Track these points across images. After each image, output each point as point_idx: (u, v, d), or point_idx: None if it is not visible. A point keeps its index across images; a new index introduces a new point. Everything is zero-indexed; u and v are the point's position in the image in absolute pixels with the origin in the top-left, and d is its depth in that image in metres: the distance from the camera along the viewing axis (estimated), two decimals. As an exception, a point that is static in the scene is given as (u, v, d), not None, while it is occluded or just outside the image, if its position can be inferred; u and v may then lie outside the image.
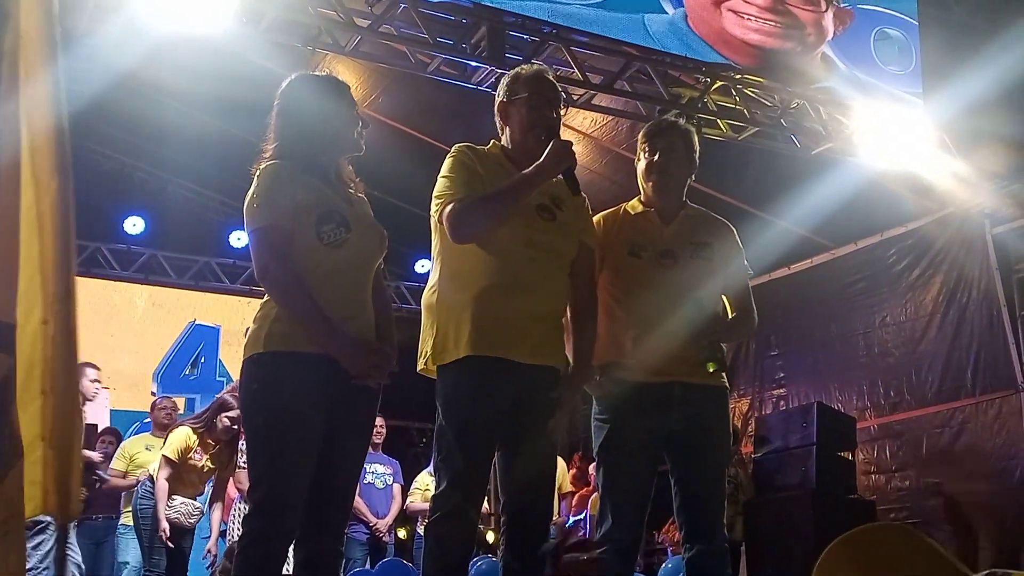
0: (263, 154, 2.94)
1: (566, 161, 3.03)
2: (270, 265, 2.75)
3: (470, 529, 3.00)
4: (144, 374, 10.13)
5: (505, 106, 3.18)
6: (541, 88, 3.15)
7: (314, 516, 2.80)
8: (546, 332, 3.04)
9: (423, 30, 6.28)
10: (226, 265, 10.75)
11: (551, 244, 3.06)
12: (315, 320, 2.73)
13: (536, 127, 3.09)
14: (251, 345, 2.81)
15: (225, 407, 5.99)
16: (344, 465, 2.89)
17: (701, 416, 3.29)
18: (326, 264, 2.82)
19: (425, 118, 8.42)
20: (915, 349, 8.51)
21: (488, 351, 2.93)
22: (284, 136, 2.93)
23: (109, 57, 6.54)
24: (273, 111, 2.98)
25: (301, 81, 3.01)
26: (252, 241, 2.83)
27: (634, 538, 3.26)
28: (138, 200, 10.63)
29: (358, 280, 2.93)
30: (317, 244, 2.80)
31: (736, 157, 7.92)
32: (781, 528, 6.41)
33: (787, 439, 6.84)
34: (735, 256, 3.49)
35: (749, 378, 9.77)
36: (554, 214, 3.09)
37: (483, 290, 2.96)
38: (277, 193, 2.81)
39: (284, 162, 2.86)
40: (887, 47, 7.31)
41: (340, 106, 2.98)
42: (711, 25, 6.85)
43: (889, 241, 8.88)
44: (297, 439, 2.70)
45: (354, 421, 2.88)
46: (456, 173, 3.03)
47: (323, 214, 2.83)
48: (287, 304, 2.75)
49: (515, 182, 2.99)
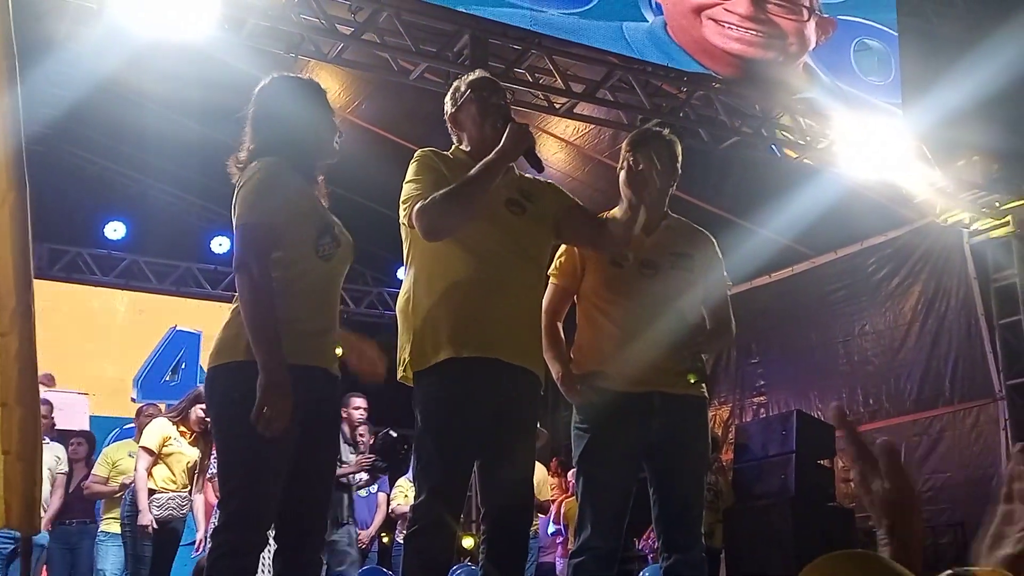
0: (239, 154, 2.88)
1: (525, 142, 3.01)
2: (251, 263, 2.65)
3: (449, 539, 2.98)
4: (124, 380, 10.07)
5: (455, 115, 3.18)
6: (483, 83, 3.18)
7: (293, 526, 2.77)
8: (528, 332, 3.04)
9: (406, 38, 6.28)
10: (207, 271, 10.72)
11: (523, 237, 3.05)
12: (267, 328, 2.60)
13: (488, 116, 3.09)
14: (227, 352, 2.71)
15: (200, 399, 6.04)
16: (319, 474, 2.86)
17: (680, 426, 3.29)
18: (315, 275, 2.80)
19: (407, 125, 8.42)
20: (894, 357, 8.58)
21: (468, 352, 2.90)
22: (264, 138, 2.86)
23: (90, 62, 6.53)
24: (250, 112, 2.91)
25: (281, 83, 2.96)
26: (239, 233, 2.71)
27: (613, 546, 3.26)
28: (119, 205, 10.59)
29: (335, 293, 2.93)
30: (312, 255, 2.78)
31: (717, 166, 7.96)
32: (761, 535, 6.44)
33: (767, 447, 6.88)
34: (715, 267, 3.50)
35: (730, 385, 9.82)
36: (523, 207, 3.08)
37: (458, 291, 2.95)
38: (276, 191, 2.75)
39: (281, 159, 2.79)
40: (867, 58, 7.35)
41: (320, 110, 2.94)
42: (691, 34, 6.82)
43: (869, 250, 8.95)
44: (275, 452, 2.62)
45: (324, 430, 2.84)
46: (422, 175, 3.02)
47: (322, 227, 2.82)
48: (251, 305, 2.62)
49: (478, 170, 2.95)
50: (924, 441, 8.17)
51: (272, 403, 2.54)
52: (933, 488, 8.00)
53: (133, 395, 9.94)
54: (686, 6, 6.85)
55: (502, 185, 3.04)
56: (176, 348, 10.47)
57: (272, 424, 2.54)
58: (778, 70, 7.04)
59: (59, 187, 9.54)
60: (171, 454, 6.02)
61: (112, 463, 6.58)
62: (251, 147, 2.86)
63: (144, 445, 5.99)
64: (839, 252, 9.16)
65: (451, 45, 6.36)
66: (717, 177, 8.18)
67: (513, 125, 3.02)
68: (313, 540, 2.85)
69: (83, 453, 7.17)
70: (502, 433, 2.96)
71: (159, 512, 5.87)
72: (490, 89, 3.17)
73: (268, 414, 2.54)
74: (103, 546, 6.30)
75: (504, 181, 3.05)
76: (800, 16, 7.22)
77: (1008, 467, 1.31)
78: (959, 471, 7.89)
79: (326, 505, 2.97)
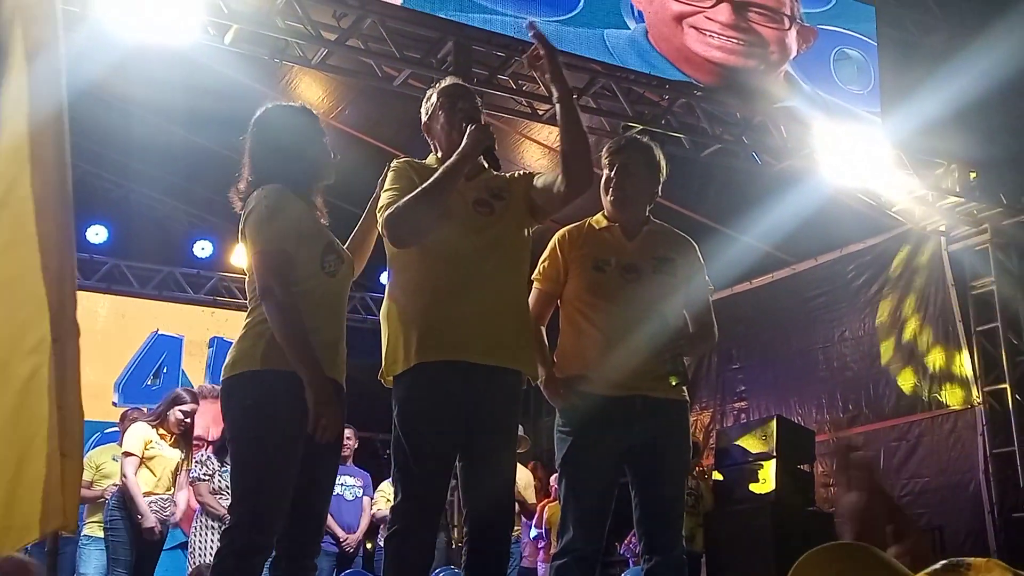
0: (239, 184, 3.01)
1: (485, 142, 3.04)
2: (275, 288, 2.81)
3: (428, 542, 3.01)
4: (105, 384, 10.01)
5: (428, 124, 3.23)
6: (451, 90, 3.22)
7: (292, 534, 2.85)
8: (502, 331, 3.02)
9: (390, 44, 6.31)
10: (190, 275, 10.68)
11: (494, 237, 3.07)
12: (306, 346, 2.77)
13: (454, 121, 3.13)
14: (244, 362, 2.84)
15: (178, 400, 6.10)
16: (321, 484, 2.96)
17: (662, 430, 3.32)
18: (322, 291, 2.93)
19: (390, 130, 8.45)
20: (873, 364, 8.65)
21: (437, 356, 2.92)
22: (262, 168, 2.98)
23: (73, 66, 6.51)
24: (247, 143, 3.04)
25: (274, 113, 3.08)
26: (257, 261, 2.88)
27: (595, 549, 3.28)
28: (101, 209, 10.53)
29: (342, 306, 3.06)
30: (319, 272, 2.91)
31: (699, 173, 8.01)
32: (741, 539, 6.48)
33: (748, 451, 6.92)
34: (697, 271, 3.53)
35: (711, 391, 9.88)
36: (492, 206, 3.10)
37: (429, 295, 2.98)
38: (284, 216, 2.88)
39: (281, 186, 2.92)
40: (847, 67, 7.42)
41: (314, 135, 3.06)
42: (672, 42, 6.85)
43: (848, 257, 9.03)
44: (286, 457, 2.75)
45: (332, 444, 2.90)
46: (397, 184, 3.04)
47: (327, 244, 2.95)
48: (285, 326, 2.78)
49: (439, 173, 2.98)
50: (903, 446, 8.25)
51: (327, 413, 2.74)
52: (912, 493, 8.08)
53: (115, 399, 9.89)
54: (667, 14, 6.87)
55: (470, 186, 3.07)
56: (158, 352, 10.43)
57: (328, 431, 2.74)
58: (759, 78, 7.08)
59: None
60: (153, 457, 6.03)
61: (96, 467, 6.56)
62: (250, 177, 3.00)
63: (127, 450, 5.99)
64: (819, 259, 9.23)
65: (435, 51, 6.40)
66: (698, 184, 8.24)
67: (473, 126, 3.05)
68: (310, 548, 2.93)
69: None
70: (480, 434, 2.98)
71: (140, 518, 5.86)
72: (458, 95, 3.20)
73: (324, 423, 2.73)
74: (85, 550, 6.27)
75: (473, 182, 3.08)
76: (781, 25, 7.25)
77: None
78: (937, 476, 7.97)
79: (324, 514, 3.03)
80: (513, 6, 6.31)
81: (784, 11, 7.27)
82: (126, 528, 5.87)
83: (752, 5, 7.12)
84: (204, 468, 5.95)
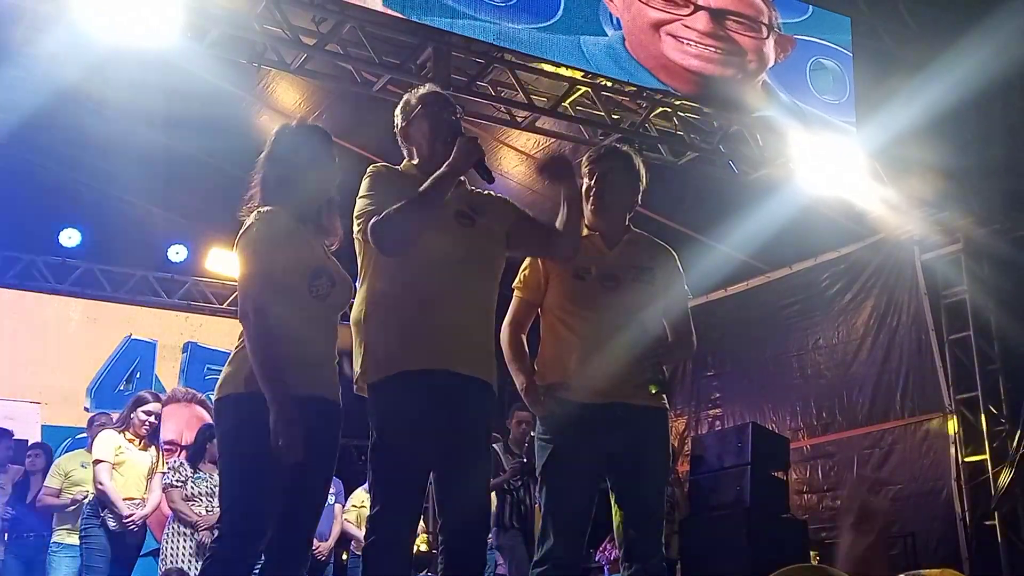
0: (248, 200, 3.10)
1: (475, 155, 3.06)
2: (250, 314, 2.90)
3: (406, 551, 3.00)
4: (77, 389, 9.92)
5: (405, 129, 3.24)
6: (434, 99, 3.23)
7: (279, 546, 2.93)
8: (476, 344, 3.05)
9: (369, 50, 6.30)
10: (164, 279, 10.59)
11: (473, 249, 3.09)
12: (274, 369, 2.84)
13: (439, 132, 3.15)
14: (229, 385, 2.94)
15: (141, 402, 6.18)
16: (310, 497, 3.03)
17: (642, 437, 3.34)
18: (310, 313, 2.99)
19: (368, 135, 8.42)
20: (846, 371, 8.71)
21: (420, 364, 2.93)
22: (271, 186, 3.07)
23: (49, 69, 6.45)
24: (260, 159, 3.13)
25: (289, 132, 3.15)
26: (240, 285, 2.99)
27: (575, 556, 3.30)
28: (75, 212, 10.42)
29: (332, 327, 3.10)
30: (307, 295, 2.97)
31: (676, 181, 8.04)
32: (716, 546, 6.50)
33: (722, 459, 6.94)
34: (676, 280, 3.56)
35: (686, 398, 9.91)
36: (473, 219, 3.11)
37: (409, 303, 2.98)
38: (273, 241, 2.94)
39: (280, 210, 3.00)
40: (822, 77, 7.47)
41: (326, 158, 3.13)
42: (649, 50, 6.82)
43: (822, 266, 9.09)
44: (271, 475, 2.83)
45: (319, 455, 2.94)
46: (375, 190, 3.06)
47: (316, 268, 3.02)
48: (255, 352, 2.86)
49: (430, 184, 3.00)
50: (876, 454, 8.30)
51: (284, 434, 2.79)
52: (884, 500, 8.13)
53: (86, 404, 9.79)
54: (645, 21, 6.83)
55: (452, 198, 3.07)
56: (131, 357, 10.33)
57: (288, 452, 2.79)
58: (737, 88, 7.09)
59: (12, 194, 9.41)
60: (123, 462, 6.01)
61: (65, 474, 6.49)
62: (258, 195, 3.10)
63: (98, 457, 5.96)
64: (793, 267, 9.29)
65: (414, 57, 6.39)
66: (675, 192, 8.27)
67: (462, 139, 3.06)
68: (298, 559, 2.99)
69: (40, 465, 7.06)
70: (457, 444, 2.98)
71: (115, 524, 5.82)
72: (441, 105, 3.21)
73: (283, 444, 2.79)
74: (55, 557, 6.21)
75: (454, 194, 3.09)
76: (759, 33, 7.25)
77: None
78: (909, 483, 8.02)
79: (312, 527, 3.09)
80: (493, 12, 6.30)
81: (762, 20, 7.27)
82: (101, 535, 5.84)
83: (730, 13, 7.12)
84: (177, 475, 5.92)
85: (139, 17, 5.63)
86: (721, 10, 7.09)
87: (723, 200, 8.13)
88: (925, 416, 8.14)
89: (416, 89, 3.32)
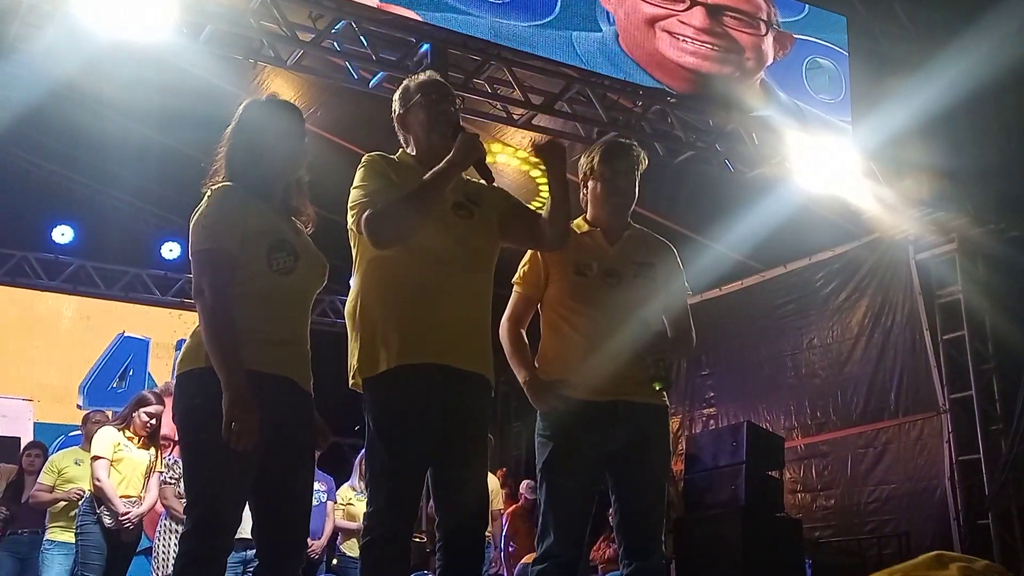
0: (213, 175, 2.93)
1: (476, 153, 3.01)
2: (204, 289, 2.73)
3: (405, 549, 2.97)
4: (70, 387, 9.90)
5: (403, 117, 3.18)
6: (434, 88, 3.16)
7: (274, 546, 2.80)
8: (475, 337, 3.01)
9: (366, 46, 6.28)
10: (157, 276, 10.57)
11: (471, 241, 3.05)
12: (228, 347, 2.68)
13: (438, 124, 3.09)
14: (189, 359, 2.77)
15: (143, 402, 6.07)
16: (296, 494, 2.87)
17: (643, 435, 3.32)
18: (272, 289, 2.82)
19: (364, 132, 8.40)
20: (841, 371, 8.72)
21: (418, 358, 2.89)
22: (236, 160, 2.91)
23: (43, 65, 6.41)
24: (226, 133, 2.96)
25: (257, 106, 3.00)
26: (194, 261, 2.80)
27: (575, 554, 3.27)
28: (68, 209, 10.41)
29: (300, 307, 2.94)
30: (267, 270, 2.81)
31: (671, 180, 8.04)
32: (710, 545, 6.49)
33: (717, 458, 6.94)
34: (676, 277, 3.54)
35: (680, 397, 9.90)
36: (471, 211, 3.07)
37: (407, 296, 2.93)
38: (226, 216, 2.80)
39: (236, 185, 2.85)
40: (819, 76, 7.46)
41: (294, 134, 2.97)
42: (644, 47, 6.75)
43: (817, 265, 9.10)
44: (236, 457, 2.64)
45: (292, 439, 2.83)
46: (370, 181, 3.00)
47: (275, 242, 2.84)
48: (211, 329, 2.71)
49: (429, 179, 2.95)
50: (870, 453, 8.31)
51: (238, 418, 2.60)
52: (878, 499, 8.15)
53: (79, 402, 9.78)
54: (639, 17, 6.76)
55: (450, 189, 3.03)
56: (124, 354, 10.32)
57: (241, 438, 2.60)
58: (735, 86, 7.04)
59: (4, 190, 9.37)
60: (121, 460, 5.98)
61: (58, 471, 6.46)
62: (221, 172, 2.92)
63: (96, 454, 5.92)
64: (788, 266, 9.30)
65: (411, 54, 6.37)
66: (671, 191, 8.27)
67: (463, 136, 3.01)
68: (293, 558, 2.86)
69: (40, 464, 7.02)
70: (454, 439, 2.95)
71: (111, 521, 5.80)
72: (440, 94, 3.15)
73: (236, 428, 2.60)
74: (48, 554, 6.19)
75: (452, 185, 3.04)
76: (758, 30, 7.18)
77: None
78: (904, 483, 8.04)
79: (304, 523, 2.95)
80: (490, 10, 6.28)
81: (761, 16, 7.21)
82: (97, 532, 5.81)
83: (728, 9, 7.05)
84: (171, 472, 5.90)
85: (134, 13, 5.59)
86: (718, 6, 7.02)
87: (718, 199, 8.14)
88: (919, 415, 8.16)
89: (416, 76, 3.25)
